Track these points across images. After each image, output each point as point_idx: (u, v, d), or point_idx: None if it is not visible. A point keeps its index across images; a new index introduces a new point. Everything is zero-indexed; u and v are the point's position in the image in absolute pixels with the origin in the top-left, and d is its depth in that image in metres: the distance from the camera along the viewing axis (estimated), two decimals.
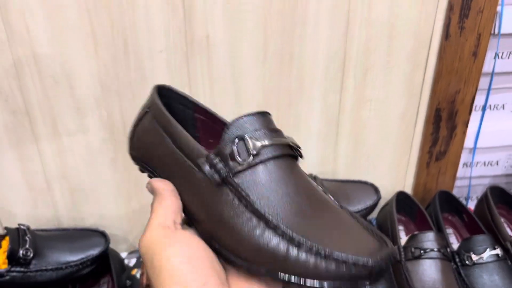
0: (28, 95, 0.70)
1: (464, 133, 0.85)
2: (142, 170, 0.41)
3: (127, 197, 0.81)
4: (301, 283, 0.30)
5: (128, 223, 0.83)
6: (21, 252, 0.67)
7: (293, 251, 0.30)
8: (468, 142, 0.87)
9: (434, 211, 0.84)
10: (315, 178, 0.80)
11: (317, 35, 0.72)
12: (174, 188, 0.37)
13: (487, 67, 0.80)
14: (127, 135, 0.75)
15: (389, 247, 0.31)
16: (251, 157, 0.33)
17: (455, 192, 0.95)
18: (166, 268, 0.32)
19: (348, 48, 0.74)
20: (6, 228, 0.71)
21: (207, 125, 0.42)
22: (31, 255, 0.67)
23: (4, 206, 0.79)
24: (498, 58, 0.80)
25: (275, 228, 0.31)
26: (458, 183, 0.94)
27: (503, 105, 0.87)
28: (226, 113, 0.75)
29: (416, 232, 0.74)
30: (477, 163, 0.93)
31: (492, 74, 0.81)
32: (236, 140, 0.33)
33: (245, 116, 0.34)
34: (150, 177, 0.40)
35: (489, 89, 0.83)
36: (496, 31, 0.75)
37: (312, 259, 0.29)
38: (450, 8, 0.73)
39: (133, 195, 0.81)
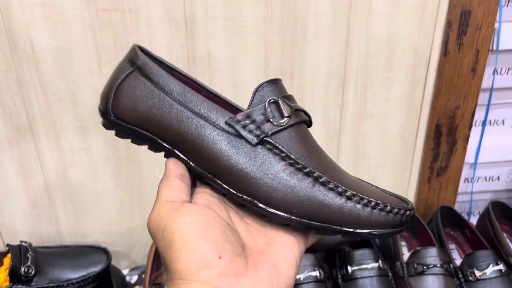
0: (31, 111, 0.70)
1: (465, 148, 0.85)
2: (123, 135, 0.39)
3: (129, 213, 0.81)
4: (355, 232, 0.33)
5: (130, 239, 0.83)
6: (22, 269, 0.67)
7: (347, 203, 0.33)
8: (469, 157, 0.88)
9: (436, 227, 0.84)
10: None
11: (317, 51, 0.73)
12: (184, 172, 0.36)
13: (486, 83, 0.81)
14: (130, 153, 0.76)
15: (410, 202, 0.35)
16: (286, 119, 0.35)
17: (457, 207, 0.95)
18: (177, 239, 0.30)
19: (348, 63, 0.75)
20: (8, 245, 0.71)
21: None
22: (33, 272, 0.67)
23: (6, 223, 0.79)
24: (497, 74, 0.81)
25: (325, 183, 0.33)
26: (459, 198, 0.94)
27: (503, 120, 0.88)
28: None
29: (418, 248, 0.74)
30: (478, 178, 0.93)
31: (491, 89, 0.82)
32: (268, 104, 0.35)
33: (268, 82, 0.36)
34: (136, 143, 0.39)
35: (488, 105, 0.84)
36: (495, 48, 0.76)
37: (365, 209, 0.32)
38: (448, 25, 0.74)
39: (135, 211, 0.81)
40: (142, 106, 0.36)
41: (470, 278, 0.72)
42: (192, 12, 0.68)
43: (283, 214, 0.33)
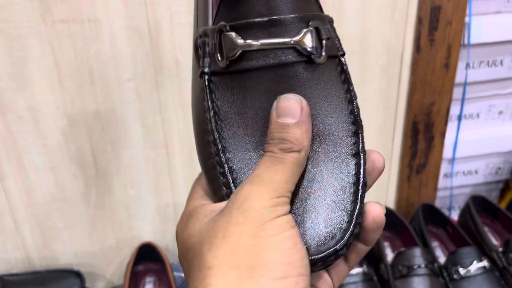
0: None
1: (442, 144, 0.84)
2: None
3: (102, 232, 0.77)
4: None
5: (105, 259, 0.79)
6: None
7: None
8: (447, 152, 0.87)
9: (419, 225, 0.83)
10: None
11: None
12: None
13: (459, 78, 0.80)
14: (99, 169, 0.72)
15: None
16: None
17: (437, 203, 0.94)
18: None
19: None
20: None
21: None
22: None
23: None
24: (470, 68, 0.80)
25: None
26: (439, 194, 0.93)
27: (478, 114, 0.88)
28: None
29: (402, 249, 0.73)
30: (457, 173, 0.92)
31: (465, 84, 0.81)
32: None
33: None
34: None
35: (463, 99, 0.83)
36: (466, 42, 0.76)
37: None
38: (419, 21, 0.73)
39: (108, 230, 0.77)
40: None
41: (455, 276, 0.71)
42: (155, 19, 0.64)
43: None
